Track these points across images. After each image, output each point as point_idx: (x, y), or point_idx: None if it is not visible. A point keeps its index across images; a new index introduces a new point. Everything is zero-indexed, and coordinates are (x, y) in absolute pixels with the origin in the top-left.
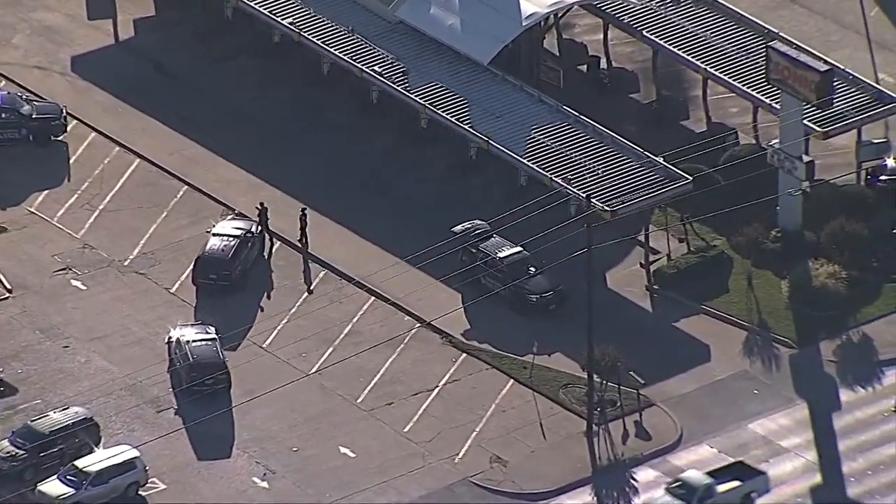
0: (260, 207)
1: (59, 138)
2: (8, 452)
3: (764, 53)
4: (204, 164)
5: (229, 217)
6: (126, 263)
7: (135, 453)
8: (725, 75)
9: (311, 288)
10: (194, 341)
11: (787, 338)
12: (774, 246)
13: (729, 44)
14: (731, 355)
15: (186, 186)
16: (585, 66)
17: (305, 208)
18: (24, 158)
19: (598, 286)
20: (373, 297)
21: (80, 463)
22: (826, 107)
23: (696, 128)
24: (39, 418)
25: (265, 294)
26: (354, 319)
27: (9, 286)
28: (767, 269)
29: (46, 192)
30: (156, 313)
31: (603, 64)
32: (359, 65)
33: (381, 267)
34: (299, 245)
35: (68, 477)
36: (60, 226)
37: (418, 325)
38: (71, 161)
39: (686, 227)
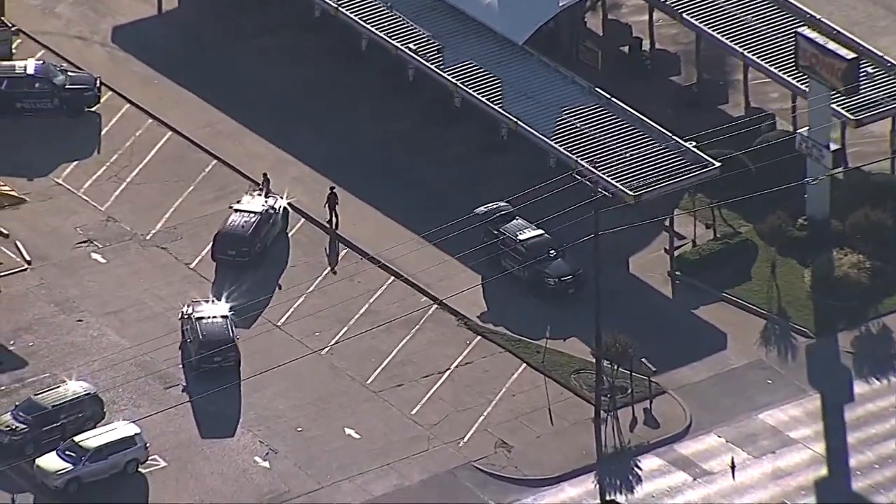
0: (263, 177)
1: (93, 109)
2: (8, 426)
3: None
4: (235, 138)
5: (256, 193)
6: (148, 237)
7: (135, 430)
8: (763, 60)
9: (335, 268)
10: (205, 318)
11: (805, 327)
12: (801, 234)
13: (770, 28)
14: (748, 344)
15: (215, 161)
16: (627, 48)
17: (334, 187)
18: (55, 129)
19: (619, 271)
20: (392, 277)
21: (79, 438)
22: (852, 94)
23: (733, 112)
24: (43, 392)
25: (284, 271)
26: (372, 299)
27: (28, 258)
28: (792, 258)
29: (75, 163)
30: (173, 289)
31: (646, 45)
32: (394, 42)
33: (403, 246)
34: (326, 225)
35: (67, 452)
36: (86, 198)
37: (434, 305)
38: (102, 133)
39: (714, 212)
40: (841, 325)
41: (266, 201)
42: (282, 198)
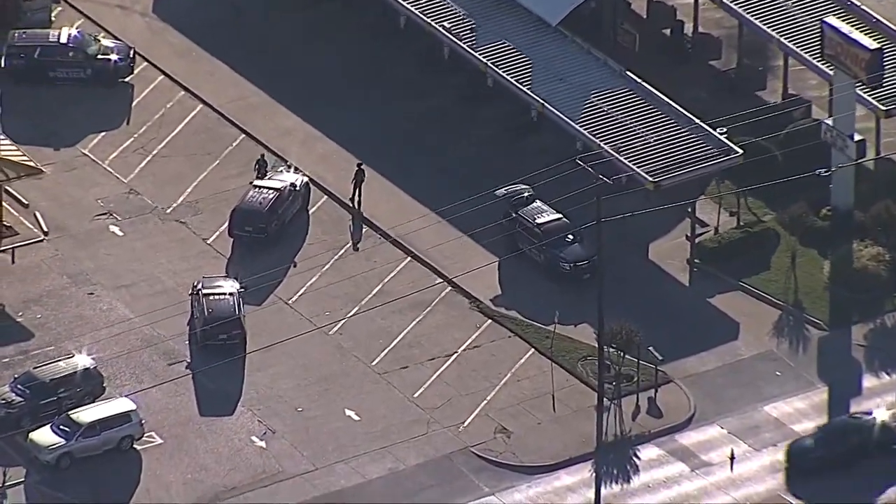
0: (259, 159)
1: (126, 80)
2: (5, 399)
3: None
4: (265, 112)
5: (281, 168)
6: (168, 211)
7: (131, 406)
8: (798, 47)
9: (357, 245)
10: (212, 295)
11: (819, 319)
12: (824, 224)
13: (810, 16)
14: (760, 335)
15: (243, 135)
16: (669, 30)
17: (361, 163)
18: (86, 99)
19: (638, 257)
20: (409, 258)
21: (73, 413)
22: (875, 85)
23: (770, 99)
24: (42, 366)
25: (301, 249)
26: (386, 279)
27: (46, 229)
28: (814, 248)
29: (103, 134)
30: (188, 264)
31: (689, 29)
32: (428, 19)
33: (423, 226)
34: (349, 203)
35: (61, 427)
36: (110, 169)
37: (448, 287)
38: (133, 104)
39: (739, 200)
40: (856, 317)
41: (295, 179)
42: (302, 174)
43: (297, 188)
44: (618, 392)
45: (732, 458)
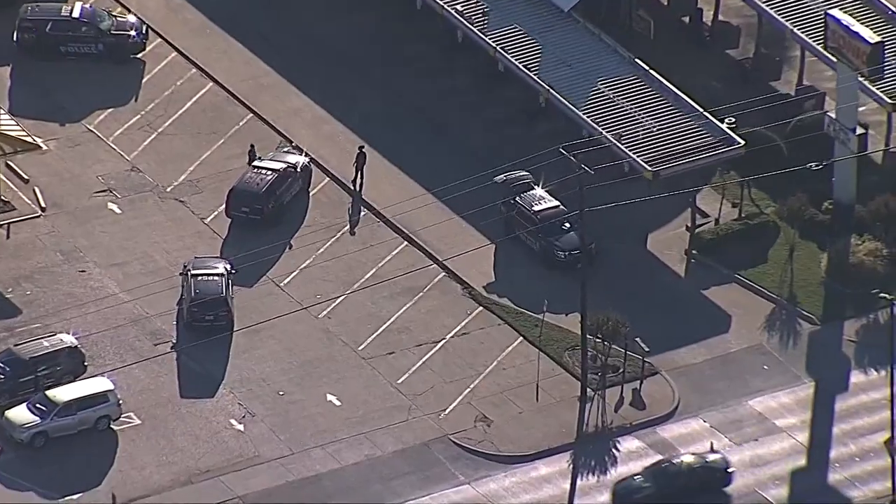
0: (251, 149)
1: (138, 56)
2: None
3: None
4: (276, 93)
5: (285, 149)
6: (168, 190)
7: (109, 386)
8: (813, 40)
9: (354, 229)
10: (201, 275)
11: (812, 314)
12: (825, 218)
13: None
14: (751, 328)
15: (251, 115)
16: (688, 18)
17: (363, 146)
18: (96, 74)
19: (636, 247)
20: (405, 242)
21: (50, 392)
22: (876, 78)
23: (784, 89)
24: (23, 343)
25: (298, 231)
26: (381, 264)
27: (43, 205)
28: (813, 242)
29: (110, 110)
30: (183, 244)
31: (710, 16)
32: (441, 2)
33: (422, 211)
34: (350, 185)
35: (37, 405)
36: (114, 146)
37: (442, 273)
38: (143, 80)
39: (742, 191)
40: (848, 312)
41: (296, 161)
42: (304, 155)
43: (298, 169)
44: (602, 383)
45: (711, 451)
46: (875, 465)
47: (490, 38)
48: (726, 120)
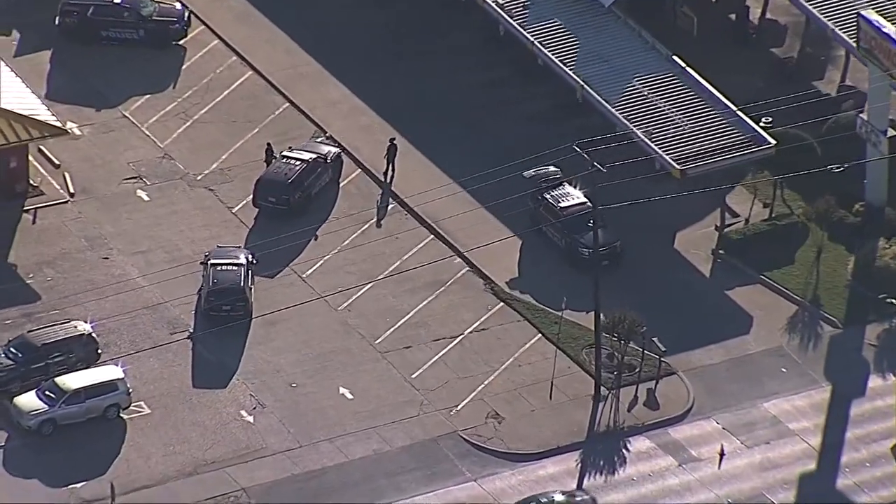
0: (267, 147)
1: (179, 43)
2: None
3: None
4: (314, 82)
5: (319, 139)
6: (199, 178)
7: (119, 374)
8: (853, 40)
9: (381, 221)
10: (220, 265)
11: (834, 317)
12: (855, 220)
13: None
14: (772, 330)
15: (287, 104)
16: (735, 15)
17: (394, 138)
18: (136, 60)
19: (663, 245)
20: (432, 236)
21: (59, 379)
22: None
23: (826, 88)
24: (37, 330)
25: (325, 222)
26: (405, 257)
27: (72, 190)
28: (841, 244)
29: (147, 97)
30: (208, 232)
31: (757, 14)
32: None
33: (452, 205)
34: (381, 177)
35: (46, 392)
36: (148, 133)
37: (466, 268)
38: (183, 67)
39: (775, 191)
40: (871, 316)
41: (327, 152)
42: (336, 145)
43: (328, 160)
44: (617, 382)
45: (722, 454)
46: (885, 471)
47: (529, 32)
48: (763, 119)
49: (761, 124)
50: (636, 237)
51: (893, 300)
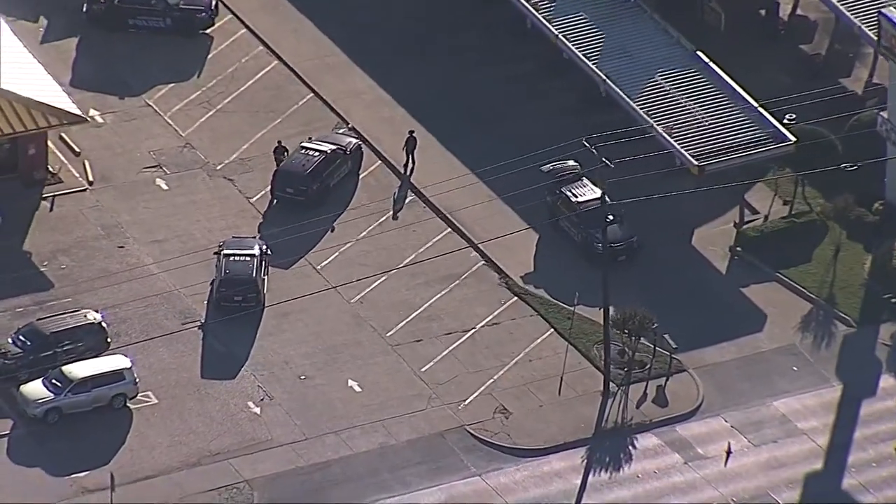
0: (278, 144)
1: (206, 31)
2: (2, 350)
3: None
4: (339, 73)
5: (340, 130)
6: (218, 167)
7: (126, 364)
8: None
9: (397, 214)
10: (233, 255)
11: (848, 316)
12: (874, 219)
13: None
14: (785, 328)
15: (311, 94)
16: (765, 11)
17: (413, 131)
18: (162, 49)
19: (681, 241)
20: (449, 229)
21: (66, 368)
22: None
23: (853, 86)
24: (46, 318)
25: (342, 214)
26: (421, 249)
27: (91, 178)
28: (860, 243)
29: (171, 85)
30: (225, 222)
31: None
32: None
33: (471, 198)
34: (401, 169)
35: (52, 381)
36: (170, 121)
37: (481, 261)
38: (208, 56)
39: (796, 189)
40: (886, 316)
41: (348, 143)
42: (356, 137)
43: (348, 152)
44: (627, 378)
45: (728, 452)
46: (891, 472)
47: (555, 26)
48: (787, 116)
49: (784, 121)
50: (655, 233)
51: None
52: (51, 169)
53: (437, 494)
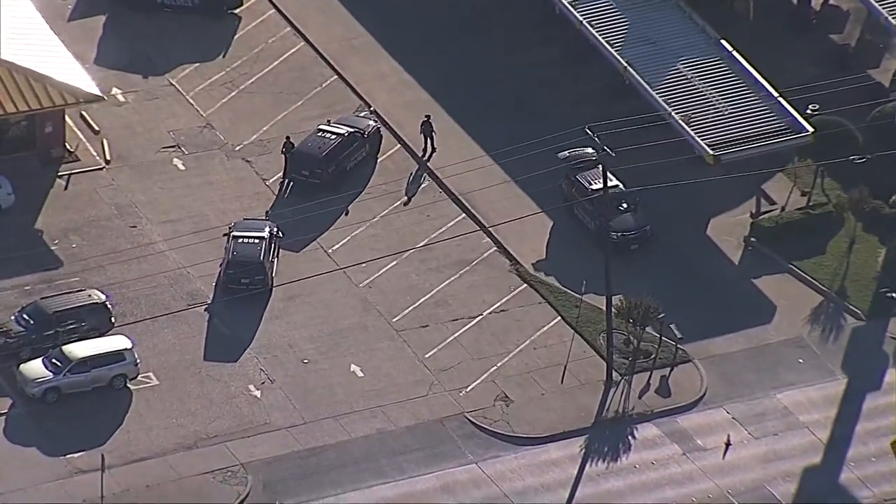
0: (286, 140)
1: (235, 11)
2: (5, 328)
3: None
4: (365, 55)
5: (362, 113)
6: (237, 148)
7: (127, 344)
8: None
9: (411, 198)
10: (242, 238)
11: (859, 309)
12: (891, 211)
13: None
14: (794, 320)
15: (335, 76)
16: (797, 0)
17: (429, 115)
18: (189, 28)
19: (695, 231)
20: (463, 214)
21: (66, 347)
22: None
23: (880, 77)
24: (51, 297)
25: (358, 197)
26: (433, 235)
27: (108, 157)
28: (876, 236)
29: (196, 65)
30: (239, 204)
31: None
32: None
33: (486, 184)
34: (422, 154)
35: (53, 360)
36: (192, 101)
37: (493, 248)
38: (235, 36)
39: (815, 180)
40: (895, 309)
41: (365, 126)
42: (374, 120)
43: (366, 135)
44: (631, 368)
45: (728, 444)
46: (890, 467)
47: (580, 12)
48: (810, 106)
49: (808, 111)
50: (671, 222)
51: (894, 294)
52: (68, 147)
53: (431, 481)
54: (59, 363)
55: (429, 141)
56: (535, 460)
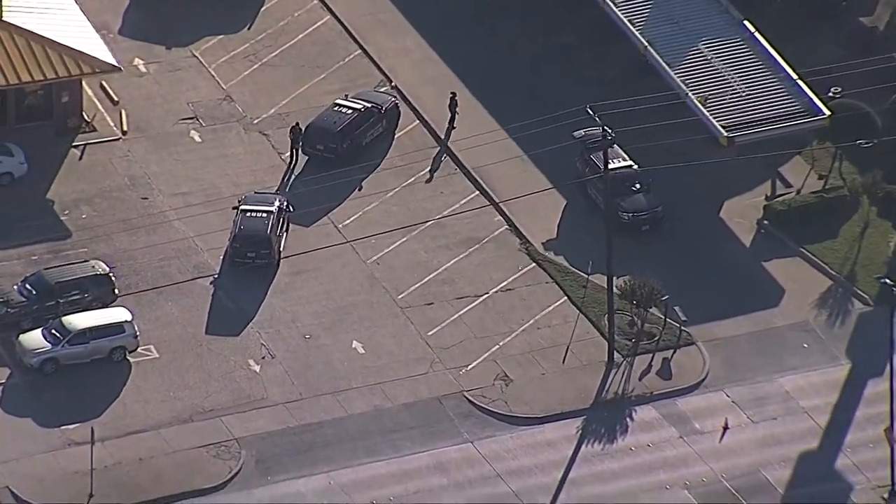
0: (295, 126)
1: None
2: (6, 298)
3: None
4: (391, 30)
5: (383, 89)
6: (255, 122)
7: (126, 317)
8: None
9: (430, 175)
10: (249, 211)
11: (867, 294)
12: None
13: None
14: (801, 304)
15: (359, 51)
16: None
17: (455, 93)
18: (218, 1)
19: (709, 213)
20: (476, 192)
21: (66, 319)
22: None
23: None
24: (54, 267)
25: (373, 173)
26: (445, 212)
27: (126, 128)
28: (889, 220)
29: (220, 37)
30: (254, 178)
31: None
32: None
33: (505, 161)
34: (446, 130)
35: (52, 331)
36: (213, 74)
37: (502, 223)
38: (262, 9)
39: (833, 163)
40: None
41: (383, 102)
42: (393, 96)
43: (383, 110)
44: (634, 349)
45: (725, 427)
46: (887, 453)
47: None
48: (832, 89)
49: (829, 94)
50: (685, 203)
51: (888, 280)
52: (85, 117)
53: (425, 459)
54: (58, 334)
55: (453, 116)
56: (530, 440)
